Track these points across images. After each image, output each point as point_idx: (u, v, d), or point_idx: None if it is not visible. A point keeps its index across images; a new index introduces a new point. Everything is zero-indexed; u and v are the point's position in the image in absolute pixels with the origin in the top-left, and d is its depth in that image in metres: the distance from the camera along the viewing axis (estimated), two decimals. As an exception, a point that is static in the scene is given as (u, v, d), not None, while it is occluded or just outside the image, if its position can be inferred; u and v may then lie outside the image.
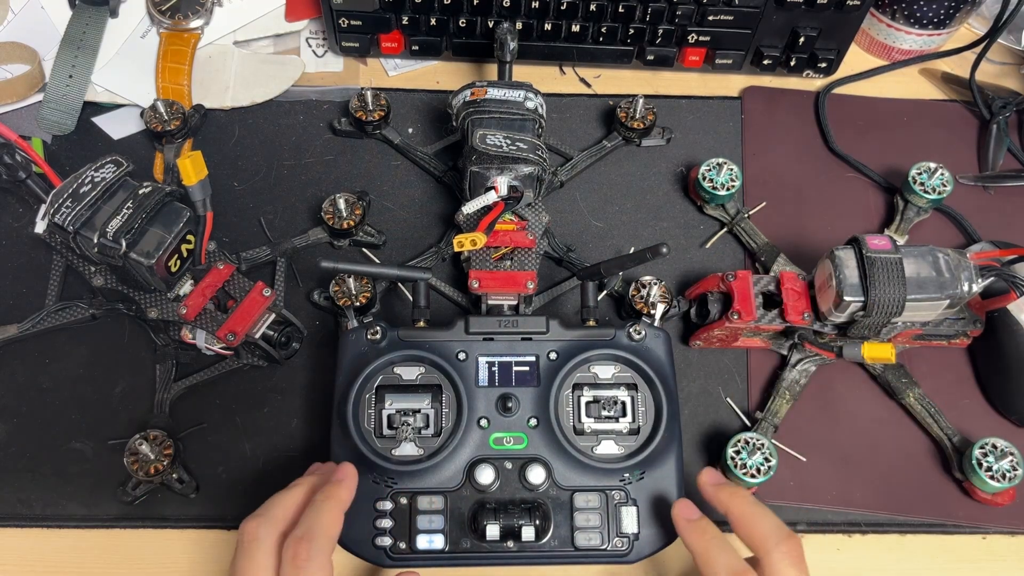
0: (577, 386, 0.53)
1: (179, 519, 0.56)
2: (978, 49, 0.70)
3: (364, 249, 0.64)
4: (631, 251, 0.54)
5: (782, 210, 0.67)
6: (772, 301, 0.57)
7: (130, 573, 0.54)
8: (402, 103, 0.71)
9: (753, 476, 0.53)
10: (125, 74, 0.69)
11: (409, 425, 0.52)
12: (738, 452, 0.54)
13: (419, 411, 0.52)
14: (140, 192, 0.53)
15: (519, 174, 0.58)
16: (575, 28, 0.68)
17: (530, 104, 0.60)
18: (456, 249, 0.56)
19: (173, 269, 0.55)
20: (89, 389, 0.59)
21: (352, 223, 0.62)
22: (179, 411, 0.58)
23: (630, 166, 0.69)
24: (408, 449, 0.51)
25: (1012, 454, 0.54)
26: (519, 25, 0.68)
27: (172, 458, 0.54)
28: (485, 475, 0.50)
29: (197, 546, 0.55)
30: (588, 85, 0.73)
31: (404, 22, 0.69)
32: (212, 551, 0.55)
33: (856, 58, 0.74)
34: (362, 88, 0.68)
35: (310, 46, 0.73)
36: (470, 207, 0.57)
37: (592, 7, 0.67)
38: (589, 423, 0.52)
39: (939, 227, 0.66)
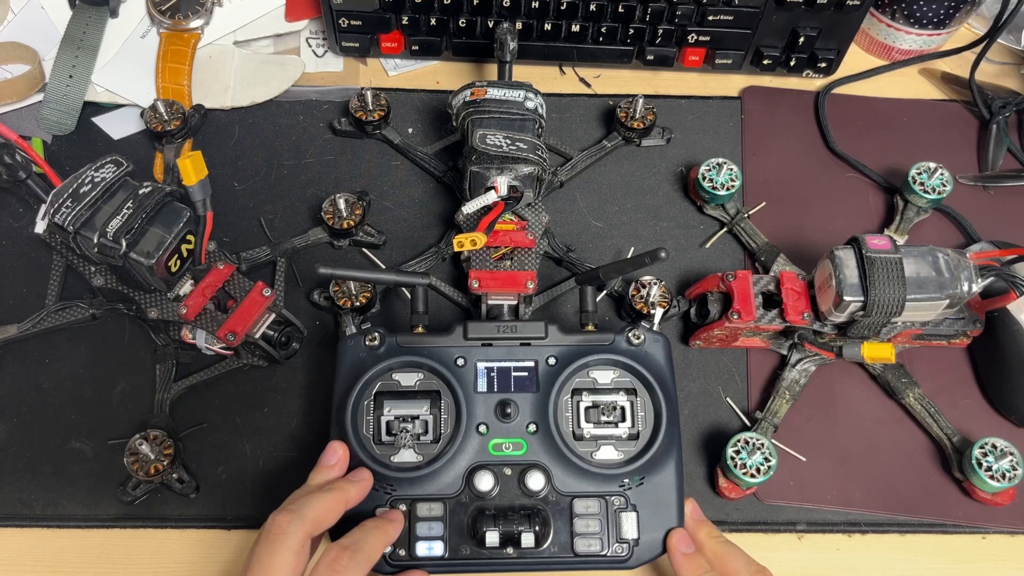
0: (576, 391, 0.53)
1: (179, 519, 0.56)
2: (978, 49, 0.70)
3: (364, 249, 0.64)
4: (630, 253, 0.54)
5: (782, 210, 0.67)
6: (772, 301, 0.57)
7: (130, 573, 0.55)
8: (402, 103, 0.71)
9: (753, 476, 0.53)
10: (125, 74, 0.69)
11: (408, 431, 0.51)
12: (738, 452, 0.54)
13: (418, 417, 0.52)
14: (140, 192, 0.53)
15: (519, 174, 0.58)
16: (575, 28, 0.68)
17: (530, 104, 0.60)
18: (456, 249, 0.56)
19: (173, 269, 0.55)
20: (89, 389, 0.59)
21: (352, 223, 0.62)
22: (179, 411, 0.58)
23: (630, 166, 0.69)
24: (407, 456, 0.51)
25: (1012, 454, 0.54)
26: (519, 25, 0.68)
27: (172, 458, 0.54)
28: (484, 481, 0.50)
29: (197, 546, 0.55)
30: (588, 85, 0.73)
31: (404, 22, 0.69)
32: (212, 551, 0.55)
33: (856, 58, 0.74)
34: (362, 88, 0.67)
35: (310, 46, 0.73)
36: (470, 207, 0.57)
37: (592, 7, 0.67)
38: (588, 428, 0.52)
39: (939, 227, 0.66)
